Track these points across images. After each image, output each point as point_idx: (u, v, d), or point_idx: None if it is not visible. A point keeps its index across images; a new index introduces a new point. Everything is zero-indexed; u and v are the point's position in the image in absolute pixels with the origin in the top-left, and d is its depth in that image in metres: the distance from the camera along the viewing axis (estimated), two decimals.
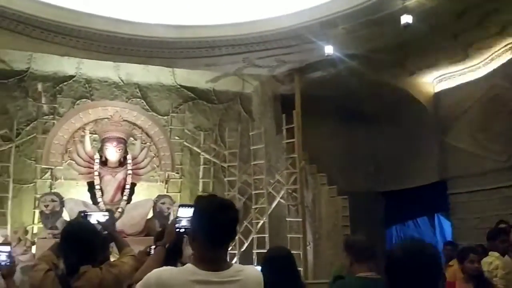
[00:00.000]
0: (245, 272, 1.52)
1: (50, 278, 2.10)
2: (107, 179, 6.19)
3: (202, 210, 1.52)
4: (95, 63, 6.97)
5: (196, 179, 7.44)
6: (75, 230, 2.25)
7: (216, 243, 1.49)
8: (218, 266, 1.47)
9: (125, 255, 2.40)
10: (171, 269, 1.52)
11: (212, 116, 7.79)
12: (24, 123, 6.68)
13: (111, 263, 2.31)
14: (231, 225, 1.52)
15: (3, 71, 6.68)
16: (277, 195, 6.44)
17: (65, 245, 2.20)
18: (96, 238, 2.24)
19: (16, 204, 6.37)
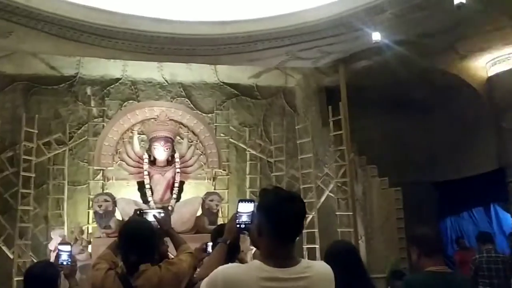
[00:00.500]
0: (314, 268, 1.45)
1: (111, 277, 2.10)
2: (157, 178, 6.28)
3: (269, 203, 1.46)
4: (140, 65, 7.10)
5: (243, 175, 7.43)
6: (134, 228, 2.23)
7: (284, 237, 1.42)
8: (286, 262, 1.40)
9: (182, 252, 2.37)
10: (237, 266, 1.47)
11: (256, 111, 7.74)
12: (75, 126, 6.89)
13: (170, 261, 2.29)
14: (299, 218, 1.45)
15: (54, 77, 6.92)
16: (326, 189, 6.32)
17: (124, 244, 2.19)
18: (154, 236, 2.22)
19: (71, 205, 6.59)
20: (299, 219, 1.44)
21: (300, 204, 1.45)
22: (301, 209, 1.44)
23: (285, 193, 1.48)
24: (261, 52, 5.78)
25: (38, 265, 2.51)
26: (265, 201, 1.47)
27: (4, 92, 6.68)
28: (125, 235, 2.19)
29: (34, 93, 6.82)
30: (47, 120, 6.68)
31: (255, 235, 1.50)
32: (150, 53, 5.54)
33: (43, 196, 6.45)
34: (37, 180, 6.36)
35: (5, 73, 6.69)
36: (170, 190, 6.25)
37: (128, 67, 7.12)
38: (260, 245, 1.47)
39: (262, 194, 1.52)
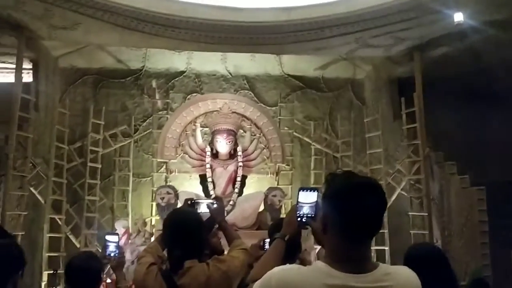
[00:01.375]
0: (395, 275, 1.14)
1: (152, 273, 1.92)
2: (219, 172, 6.15)
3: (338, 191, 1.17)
4: (204, 57, 7.02)
5: (307, 171, 7.12)
6: (179, 219, 2.03)
7: (358, 235, 1.13)
8: (360, 267, 1.12)
9: (235, 248, 2.14)
10: (297, 268, 1.19)
11: (322, 105, 7.39)
12: (141, 119, 6.96)
13: (220, 258, 2.07)
14: (378, 212, 1.14)
15: (121, 70, 7.03)
16: (398, 187, 5.84)
17: (169, 236, 1.99)
18: (201, 229, 2.01)
19: (136, 197, 6.66)
20: (377, 213, 1.14)
21: (378, 194, 1.15)
22: (380, 199, 1.14)
23: (360, 179, 1.18)
24: (329, 40, 5.43)
25: (81, 256, 2.37)
26: (333, 188, 1.18)
27: (75, 85, 6.89)
28: (169, 227, 2.00)
29: (103, 87, 6.96)
30: (114, 113, 6.80)
31: (320, 231, 1.21)
32: (213, 43, 5.40)
33: (109, 187, 6.56)
34: (104, 171, 6.49)
35: (76, 67, 6.90)
36: (232, 184, 6.10)
37: (192, 59, 7.07)
38: (326, 244, 1.19)
39: (329, 179, 1.23)
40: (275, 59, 7.18)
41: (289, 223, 1.60)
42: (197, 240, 1.95)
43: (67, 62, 6.82)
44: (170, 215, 2.11)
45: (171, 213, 2.19)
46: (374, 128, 6.50)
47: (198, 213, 2.15)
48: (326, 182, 1.24)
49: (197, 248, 1.95)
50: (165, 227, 2.02)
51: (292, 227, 1.59)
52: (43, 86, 6.17)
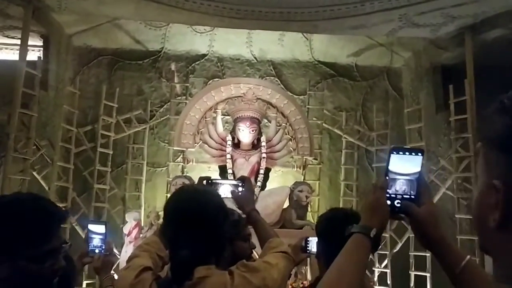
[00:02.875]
0: None
1: (144, 283, 1.30)
2: (240, 163, 5.60)
3: None
4: (227, 39, 6.49)
5: (336, 165, 6.50)
6: (188, 202, 1.35)
7: None
8: None
9: (272, 251, 1.52)
10: None
11: (355, 94, 6.76)
12: (158, 104, 6.45)
13: (250, 265, 1.41)
14: None
15: (139, 52, 6.54)
16: (442, 186, 5.16)
17: (172, 229, 1.35)
18: (222, 218, 1.37)
19: (149, 188, 6.15)
20: None
21: None
22: None
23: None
24: (369, 17, 4.80)
25: None
26: None
27: (89, 67, 6.42)
28: (172, 214, 1.36)
29: (118, 68, 6.48)
30: (129, 97, 6.31)
31: (485, 226, 0.63)
32: (239, 18, 4.83)
33: (121, 176, 6.07)
34: (116, 159, 6.01)
35: (91, 47, 6.43)
36: (255, 177, 5.53)
37: (215, 41, 6.53)
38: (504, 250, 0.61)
39: None
40: (304, 44, 6.60)
41: (376, 208, 1.00)
42: (215, 236, 1.31)
43: (82, 41, 6.36)
44: (175, 196, 1.44)
45: (177, 192, 1.48)
46: (413, 121, 5.84)
47: (218, 194, 1.54)
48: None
49: (215, 248, 1.32)
50: (167, 214, 1.37)
51: (382, 216, 0.99)
52: (53, 65, 5.72)
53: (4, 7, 4.93)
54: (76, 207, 5.39)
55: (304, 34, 6.46)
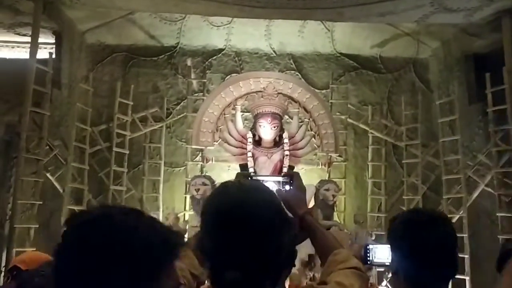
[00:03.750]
0: None
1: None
2: (262, 161, 5.31)
3: None
4: (245, 33, 6.23)
5: (362, 163, 6.19)
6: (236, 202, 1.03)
7: None
8: None
9: (340, 266, 1.22)
10: None
11: (379, 87, 6.43)
12: (174, 101, 6.21)
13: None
14: None
15: (153, 47, 6.31)
16: (481, 182, 4.81)
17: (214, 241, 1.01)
18: (284, 226, 1.06)
19: (167, 188, 5.92)
20: None
21: None
22: None
23: None
24: (398, 2, 4.48)
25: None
26: None
27: (103, 64, 6.21)
28: (213, 220, 1.04)
29: (133, 65, 6.26)
30: (144, 94, 6.07)
31: None
32: (260, 7, 4.55)
33: (138, 176, 5.84)
34: (133, 159, 5.78)
35: (105, 44, 6.21)
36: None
37: (232, 35, 6.27)
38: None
39: None
40: (326, 35, 6.30)
41: None
42: (275, 251, 0.99)
43: (95, 37, 6.14)
44: (217, 196, 1.11)
45: (219, 191, 1.13)
46: (444, 113, 5.49)
47: (274, 193, 1.24)
48: None
49: (274, 268, 1.01)
50: (206, 221, 1.07)
51: None
52: (66, 62, 5.51)
53: (14, 2, 4.73)
54: None
55: (326, 25, 6.16)
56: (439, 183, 5.59)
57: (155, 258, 0.82)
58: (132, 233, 0.82)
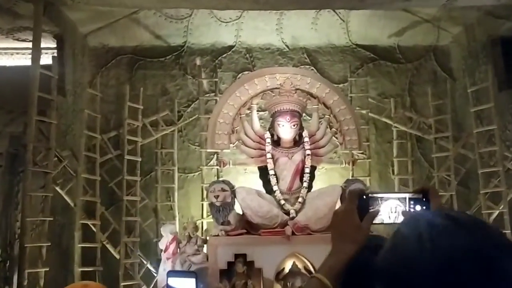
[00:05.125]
0: None
1: None
2: (283, 162, 4.98)
3: None
4: (255, 28, 5.92)
5: (385, 159, 5.87)
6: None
7: None
8: None
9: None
10: None
11: (399, 78, 6.11)
12: (185, 104, 5.89)
13: None
14: None
15: (160, 48, 5.99)
16: None
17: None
18: None
19: (182, 196, 5.60)
20: None
21: None
22: None
23: None
24: None
25: None
26: None
27: (108, 68, 5.89)
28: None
29: (139, 68, 5.94)
30: (153, 97, 5.75)
31: None
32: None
33: (151, 185, 5.52)
34: (145, 166, 5.45)
35: (108, 46, 5.90)
36: (300, 177, 4.91)
37: (242, 31, 5.96)
38: None
39: None
40: (340, 26, 5.98)
41: None
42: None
43: (98, 40, 5.83)
44: (409, 228, 0.82)
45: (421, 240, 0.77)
46: (473, 102, 5.17)
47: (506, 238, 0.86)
48: None
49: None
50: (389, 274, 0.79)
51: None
52: (69, 67, 5.20)
53: (13, 5, 4.42)
54: (105, 223, 4.84)
55: (340, 16, 5.85)
56: (469, 177, 5.27)
57: None
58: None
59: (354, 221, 1.22)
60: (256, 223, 4.44)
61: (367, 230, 1.23)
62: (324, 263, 1.21)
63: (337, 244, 1.21)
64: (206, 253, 4.46)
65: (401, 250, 0.81)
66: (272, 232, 4.36)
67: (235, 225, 4.47)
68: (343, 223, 1.24)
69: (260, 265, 4.22)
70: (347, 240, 1.20)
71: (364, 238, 1.21)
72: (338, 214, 1.28)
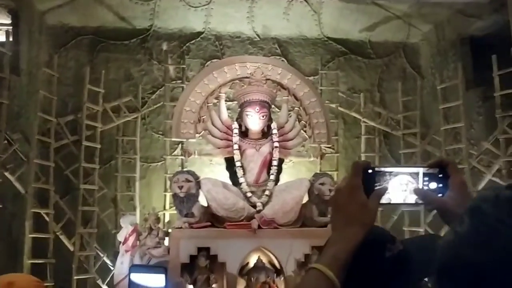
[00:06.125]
0: None
1: None
2: (250, 154, 4.81)
3: None
4: (226, 15, 5.72)
5: (352, 154, 5.83)
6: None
7: None
8: None
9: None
10: None
11: (369, 74, 6.08)
12: (149, 90, 5.63)
13: None
14: None
15: (124, 30, 5.69)
16: (487, 172, 4.52)
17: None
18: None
19: (144, 186, 5.35)
20: None
21: None
22: None
23: None
24: None
25: None
26: None
27: (67, 48, 5.54)
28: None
29: (102, 50, 5.62)
30: (116, 82, 5.46)
31: None
32: None
33: (111, 173, 5.24)
34: (104, 154, 5.17)
35: (68, 25, 5.55)
36: (267, 170, 4.77)
37: (212, 17, 5.74)
38: None
39: None
40: (312, 18, 5.87)
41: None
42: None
43: (56, 19, 5.47)
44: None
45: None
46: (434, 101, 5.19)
47: None
48: None
49: None
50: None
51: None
52: (25, 46, 4.84)
53: None
54: (59, 212, 4.53)
55: (313, 7, 5.74)
56: None
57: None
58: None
59: (360, 199, 1.02)
60: (221, 215, 4.27)
61: (375, 211, 1.03)
62: (325, 251, 1.00)
63: (341, 228, 1.01)
64: (167, 246, 4.25)
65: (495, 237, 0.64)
66: (238, 225, 4.20)
67: (199, 217, 4.28)
68: (347, 202, 1.02)
69: (224, 259, 4.06)
70: (353, 223, 1.00)
71: (373, 220, 1.02)
72: (341, 191, 1.06)
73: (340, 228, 1.02)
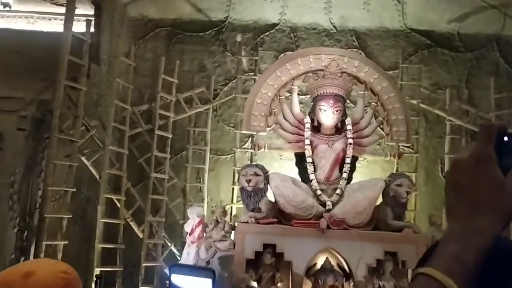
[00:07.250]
0: None
1: None
2: (322, 150, 4.59)
3: None
4: (302, 6, 5.54)
5: (434, 155, 5.40)
6: None
7: None
8: None
9: None
10: None
11: (457, 69, 5.58)
12: (222, 82, 5.60)
13: None
14: None
15: (200, 22, 5.71)
16: None
17: None
18: None
19: (213, 178, 5.33)
20: None
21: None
22: None
23: None
24: None
25: None
26: None
27: (145, 40, 5.67)
28: None
29: (177, 41, 5.69)
30: (189, 73, 5.50)
31: None
32: None
33: (181, 164, 5.28)
34: (176, 144, 5.22)
35: (148, 17, 5.67)
36: (340, 167, 4.53)
37: (288, 8, 5.59)
38: None
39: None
40: (395, 8, 5.51)
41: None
42: None
43: (137, 11, 5.62)
44: None
45: None
46: None
47: None
48: None
49: None
50: None
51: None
52: (106, 36, 5.01)
53: None
54: (130, 199, 4.64)
55: None
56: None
57: None
58: None
59: (494, 177, 0.70)
60: (288, 212, 4.11)
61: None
62: (440, 252, 0.70)
63: (464, 217, 0.70)
64: (233, 240, 4.17)
65: None
66: (306, 223, 4.02)
67: (266, 212, 4.16)
68: (474, 180, 0.70)
69: (290, 258, 3.90)
70: (484, 210, 0.69)
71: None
72: (464, 164, 0.73)
73: (463, 218, 0.70)
